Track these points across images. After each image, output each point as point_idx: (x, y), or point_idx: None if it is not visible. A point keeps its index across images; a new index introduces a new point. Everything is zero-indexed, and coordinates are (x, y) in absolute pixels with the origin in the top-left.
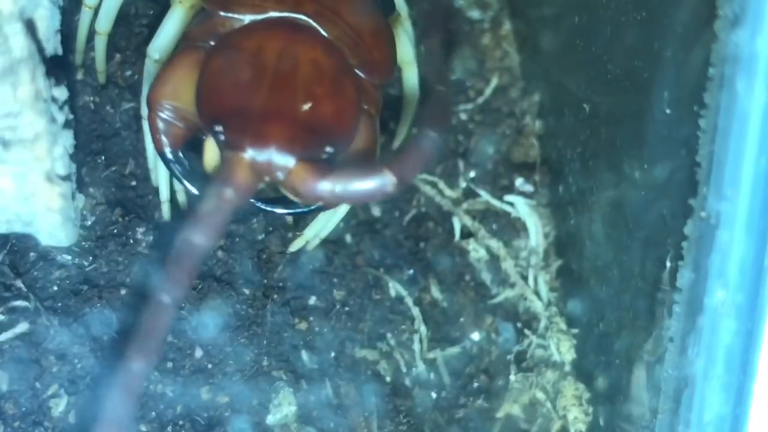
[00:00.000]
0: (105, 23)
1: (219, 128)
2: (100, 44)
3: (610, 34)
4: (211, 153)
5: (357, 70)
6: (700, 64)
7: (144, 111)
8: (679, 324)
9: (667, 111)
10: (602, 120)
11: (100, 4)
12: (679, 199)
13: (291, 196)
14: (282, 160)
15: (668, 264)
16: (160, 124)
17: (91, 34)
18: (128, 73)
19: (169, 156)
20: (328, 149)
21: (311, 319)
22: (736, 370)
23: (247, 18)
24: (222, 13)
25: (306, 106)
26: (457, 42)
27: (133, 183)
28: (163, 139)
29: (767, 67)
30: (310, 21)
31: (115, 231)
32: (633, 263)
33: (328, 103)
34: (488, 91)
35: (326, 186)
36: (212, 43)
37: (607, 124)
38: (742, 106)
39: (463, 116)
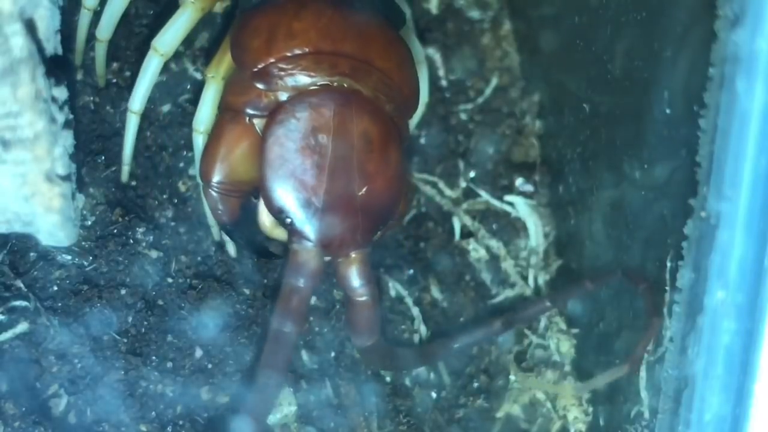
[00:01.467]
0: (106, 31)
1: (287, 219)
2: (101, 50)
3: (610, 34)
4: (266, 216)
5: (393, 114)
6: (700, 64)
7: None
8: (679, 324)
9: (667, 111)
10: (602, 120)
11: (99, 7)
12: (679, 199)
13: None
14: (346, 248)
15: (668, 264)
16: (218, 200)
17: (91, 35)
18: (128, 73)
19: (229, 227)
20: (381, 228)
21: (311, 319)
22: (736, 370)
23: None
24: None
25: (363, 190)
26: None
27: (133, 183)
28: (221, 212)
29: (767, 66)
30: (350, 81)
31: (115, 231)
32: (633, 263)
33: (381, 180)
34: (488, 91)
35: (369, 288)
36: (250, 111)
37: (607, 124)
38: (743, 106)
39: (463, 116)
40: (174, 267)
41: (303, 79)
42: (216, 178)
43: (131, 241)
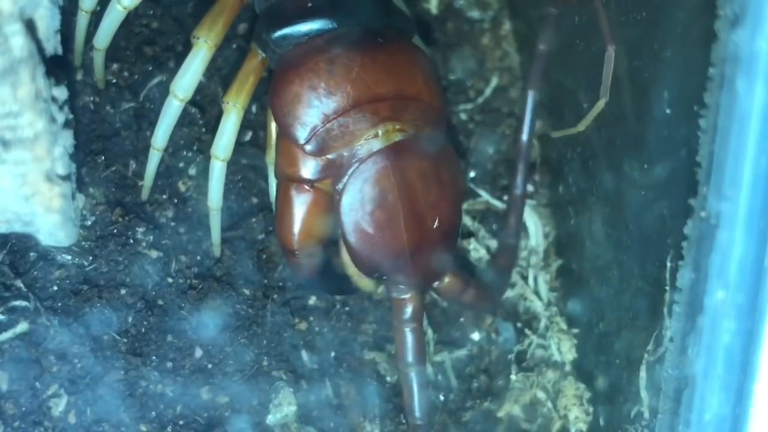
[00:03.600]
0: (103, 40)
1: (382, 277)
2: (99, 58)
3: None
4: (352, 269)
5: (432, 132)
6: (700, 64)
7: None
8: (679, 324)
9: (667, 111)
10: (602, 120)
11: (99, 6)
12: (679, 199)
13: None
14: (439, 277)
15: (668, 264)
16: (304, 264)
17: (90, 36)
18: (128, 73)
19: (317, 283)
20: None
21: (311, 319)
22: (736, 370)
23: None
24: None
25: (436, 221)
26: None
27: (134, 183)
28: (307, 273)
29: (767, 66)
30: (392, 124)
31: (115, 231)
32: (633, 263)
33: (445, 202)
34: (488, 91)
35: (472, 291)
36: (310, 178)
37: (607, 124)
38: (743, 106)
39: (463, 116)
40: (174, 267)
41: (351, 137)
42: (297, 247)
43: (131, 241)
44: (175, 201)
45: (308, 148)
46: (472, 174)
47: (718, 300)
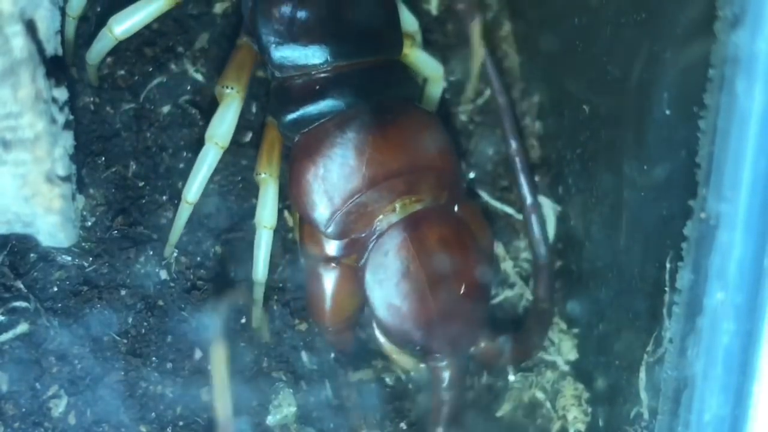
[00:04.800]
0: (95, 59)
1: (416, 348)
2: (92, 71)
3: (610, 35)
4: (388, 347)
5: (450, 197)
6: (700, 65)
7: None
8: (678, 325)
9: (667, 112)
10: (602, 121)
11: (89, 12)
12: (678, 200)
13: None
14: (474, 345)
15: (668, 265)
16: (340, 338)
17: (83, 41)
18: (128, 74)
19: (355, 353)
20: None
21: (311, 320)
22: (736, 371)
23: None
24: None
25: (463, 286)
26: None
27: (133, 184)
28: (342, 346)
29: (767, 68)
30: (408, 197)
31: (116, 232)
32: (633, 264)
33: (470, 266)
34: (488, 92)
35: (508, 350)
36: (335, 255)
37: (607, 126)
38: (742, 108)
39: (464, 117)
40: (174, 268)
41: (370, 216)
42: (329, 323)
43: (131, 242)
44: (176, 202)
45: (329, 232)
46: (471, 175)
47: (717, 301)
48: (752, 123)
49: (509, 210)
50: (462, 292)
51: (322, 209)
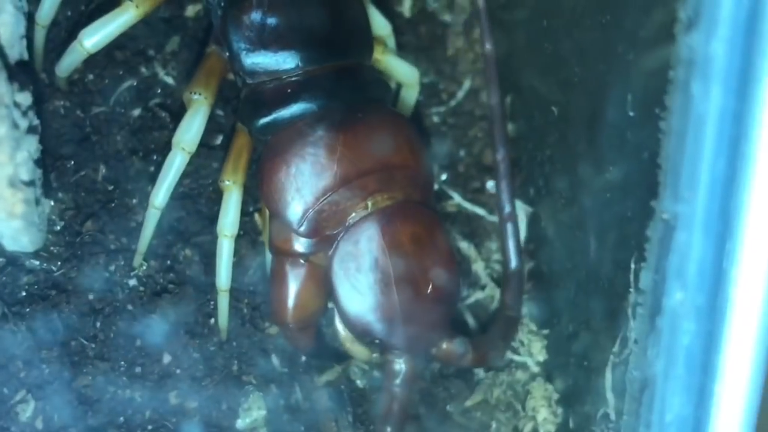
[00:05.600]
0: (65, 71)
1: (375, 341)
2: (62, 82)
3: (577, 38)
4: (345, 338)
5: (422, 196)
6: (661, 67)
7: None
8: (642, 325)
9: (631, 113)
10: (570, 122)
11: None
12: (642, 200)
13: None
14: (435, 346)
15: (632, 266)
16: (300, 337)
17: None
18: (98, 78)
19: (313, 353)
20: (453, 306)
21: (271, 317)
22: (697, 371)
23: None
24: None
25: (430, 288)
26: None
27: (103, 188)
28: (303, 345)
29: (722, 70)
30: (381, 195)
31: (85, 236)
32: (600, 265)
33: (440, 266)
34: (461, 94)
35: (471, 353)
36: (304, 252)
37: (575, 127)
38: (698, 109)
39: (436, 119)
40: (144, 272)
41: (342, 214)
42: (291, 320)
43: (100, 246)
44: (145, 206)
45: (302, 230)
46: (444, 176)
47: (677, 301)
48: (709, 124)
49: (481, 212)
50: (428, 291)
51: (294, 208)
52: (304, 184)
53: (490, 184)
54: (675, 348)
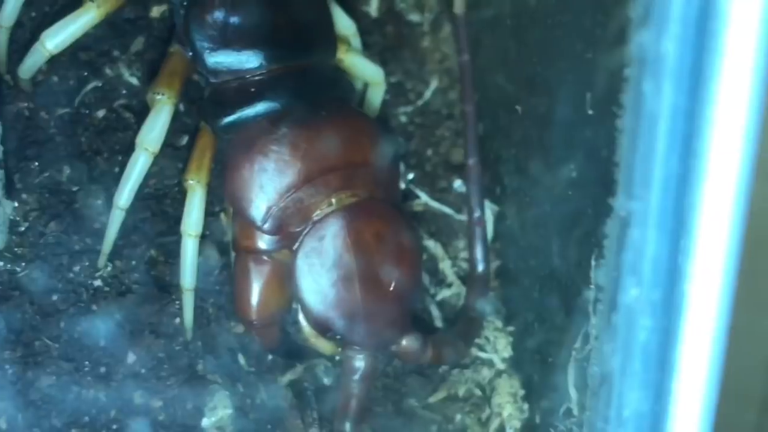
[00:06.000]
0: (28, 73)
1: (336, 337)
2: (25, 83)
3: (539, 37)
4: (308, 332)
5: (386, 194)
6: (618, 66)
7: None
8: (601, 322)
9: (590, 112)
10: (533, 121)
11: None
12: (601, 198)
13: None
14: (395, 343)
15: (592, 263)
16: (265, 334)
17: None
18: (62, 79)
19: (279, 350)
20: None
21: (236, 314)
22: (654, 367)
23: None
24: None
25: (392, 286)
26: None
27: (67, 189)
28: (268, 342)
29: (674, 68)
30: (345, 193)
31: (49, 237)
32: (562, 262)
33: (403, 264)
34: (428, 94)
35: (432, 352)
36: (268, 249)
37: (538, 126)
38: (650, 107)
39: (403, 119)
40: (108, 272)
41: (306, 211)
42: (255, 317)
43: (64, 247)
44: (110, 207)
45: (266, 227)
46: (410, 176)
47: (632, 297)
48: (661, 122)
49: (448, 210)
50: (389, 288)
51: (257, 205)
52: (267, 181)
53: (457, 183)
54: (631, 344)
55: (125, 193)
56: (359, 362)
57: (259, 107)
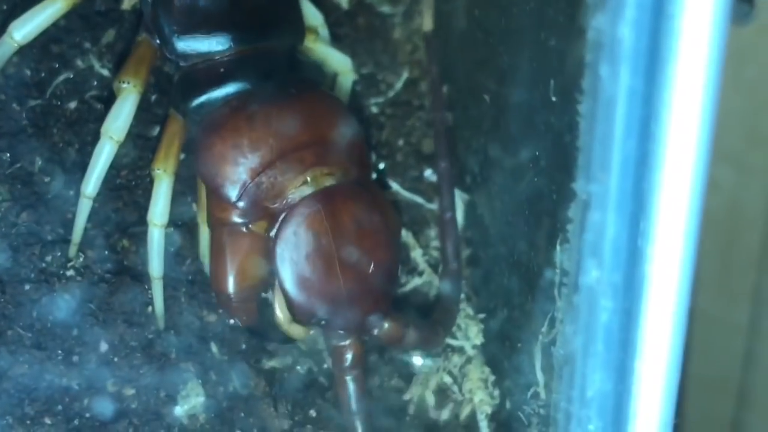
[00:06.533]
0: None
1: (320, 323)
2: None
3: (504, 25)
4: (281, 316)
5: (359, 173)
6: (580, 52)
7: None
8: (566, 305)
9: (553, 99)
10: (500, 110)
11: None
12: (565, 183)
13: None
14: (378, 326)
15: (558, 247)
16: (242, 309)
17: None
18: (34, 71)
19: (253, 328)
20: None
21: (220, 311)
22: (616, 347)
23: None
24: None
25: (372, 265)
26: (370, 38)
27: (39, 180)
28: (245, 319)
29: (630, 52)
30: (319, 170)
31: (21, 227)
32: (530, 248)
33: (381, 246)
34: (399, 85)
35: (412, 335)
36: (244, 221)
37: (504, 114)
38: (607, 91)
39: (375, 109)
40: (81, 262)
41: (281, 187)
42: (232, 290)
43: (37, 236)
44: None
45: (241, 204)
46: (382, 166)
47: (593, 279)
48: (618, 106)
49: (419, 200)
50: (371, 270)
51: (232, 181)
52: (241, 157)
53: (428, 173)
54: (593, 325)
55: (92, 182)
56: (347, 349)
57: (229, 87)
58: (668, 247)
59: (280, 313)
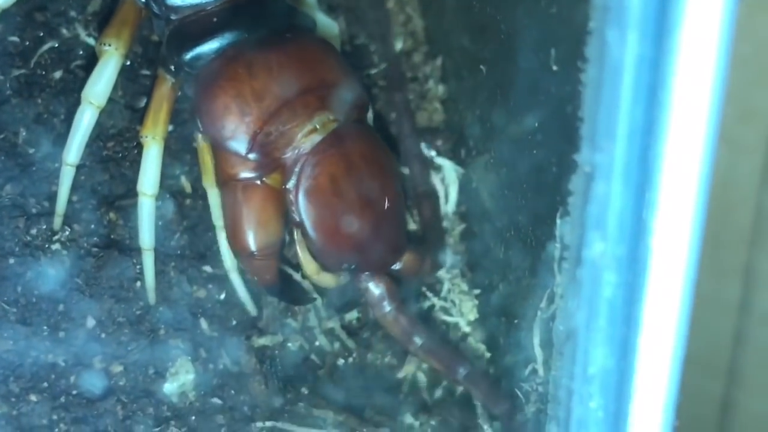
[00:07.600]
0: None
1: (350, 268)
2: None
3: None
4: (308, 262)
5: (360, 114)
6: (582, 19)
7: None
8: (567, 280)
9: (554, 68)
10: (497, 81)
11: None
12: (566, 155)
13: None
14: (400, 256)
15: (558, 220)
16: (263, 268)
17: None
18: (18, 39)
19: (277, 289)
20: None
21: (210, 287)
22: (619, 322)
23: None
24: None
25: (386, 201)
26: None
27: (24, 151)
28: (268, 278)
29: (638, 16)
30: (325, 114)
31: (5, 200)
32: (528, 222)
33: (389, 181)
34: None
35: (427, 262)
36: (257, 174)
37: (502, 85)
38: (614, 57)
39: (367, 81)
40: (67, 235)
41: (291, 134)
42: (255, 246)
43: (22, 210)
44: None
45: (251, 156)
46: None
47: (597, 252)
48: (625, 73)
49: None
50: (386, 207)
51: (240, 132)
52: (246, 106)
53: (422, 146)
54: (596, 300)
55: (73, 149)
56: (380, 288)
57: (224, 37)
58: (674, 219)
59: (308, 265)
